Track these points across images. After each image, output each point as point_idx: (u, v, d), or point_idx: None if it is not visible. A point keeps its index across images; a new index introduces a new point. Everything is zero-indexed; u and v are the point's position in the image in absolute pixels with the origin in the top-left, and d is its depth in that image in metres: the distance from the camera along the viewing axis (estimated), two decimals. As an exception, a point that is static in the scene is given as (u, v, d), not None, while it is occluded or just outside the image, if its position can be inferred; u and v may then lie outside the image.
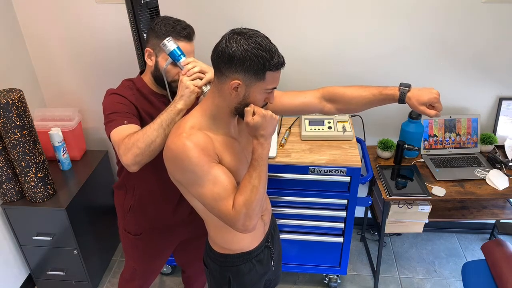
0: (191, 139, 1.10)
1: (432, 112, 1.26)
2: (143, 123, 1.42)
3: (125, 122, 1.34)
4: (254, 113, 1.10)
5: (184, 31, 1.37)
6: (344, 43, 2.07)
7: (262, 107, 1.15)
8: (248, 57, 1.04)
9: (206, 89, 1.30)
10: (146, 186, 1.56)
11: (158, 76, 1.42)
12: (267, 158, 1.15)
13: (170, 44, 1.32)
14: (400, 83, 1.29)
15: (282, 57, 1.09)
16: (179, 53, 1.33)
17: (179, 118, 1.27)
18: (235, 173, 1.17)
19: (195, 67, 1.29)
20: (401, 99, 1.27)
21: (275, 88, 1.14)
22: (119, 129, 1.32)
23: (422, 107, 1.26)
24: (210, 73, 1.29)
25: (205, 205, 1.17)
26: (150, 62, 1.42)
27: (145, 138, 1.24)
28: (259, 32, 1.08)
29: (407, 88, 1.27)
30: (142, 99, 1.46)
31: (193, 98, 1.28)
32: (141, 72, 1.53)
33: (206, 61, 1.26)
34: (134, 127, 1.34)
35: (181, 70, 1.33)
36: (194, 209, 1.64)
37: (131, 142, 1.25)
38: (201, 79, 1.29)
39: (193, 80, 1.28)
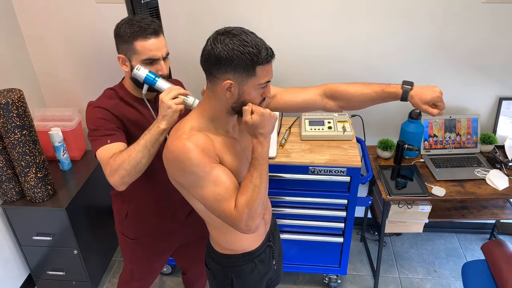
0: (191, 140, 1.10)
1: (435, 111, 1.25)
2: (129, 133, 1.41)
3: (108, 141, 1.33)
4: (252, 112, 1.10)
5: (149, 28, 1.32)
6: (344, 43, 2.07)
7: (260, 103, 1.14)
8: (235, 55, 1.03)
9: (190, 101, 1.29)
10: (142, 194, 1.56)
11: (136, 80, 1.38)
12: (267, 157, 1.14)
13: (141, 71, 1.31)
14: (403, 81, 1.28)
15: (271, 49, 1.08)
16: (153, 76, 1.32)
17: (163, 137, 1.28)
18: (237, 174, 1.17)
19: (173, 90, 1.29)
20: (404, 97, 1.26)
21: (269, 81, 1.13)
22: (103, 149, 1.32)
23: (425, 106, 1.25)
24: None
25: (207, 206, 1.16)
26: (125, 68, 1.39)
27: (130, 160, 1.25)
28: (243, 28, 1.08)
29: (410, 86, 1.26)
30: (126, 107, 1.43)
31: (176, 117, 1.27)
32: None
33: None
34: (117, 145, 1.33)
35: (160, 91, 1.32)
36: (190, 213, 1.65)
37: (117, 164, 1.25)
38: (183, 95, 1.29)
39: (174, 98, 1.27)
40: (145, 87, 1.35)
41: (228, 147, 1.18)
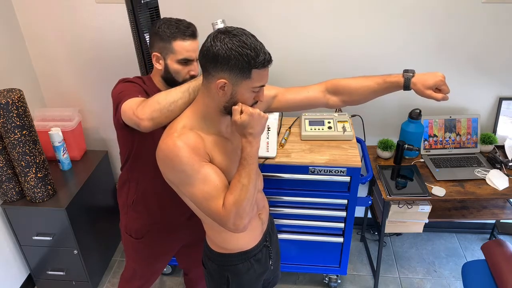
0: (182, 139, 1.11)
1: (439, 95, 1.25)
2: None
3: (139, 96, 1.33)
4: (242, 112, 1.10)
5: (188, 30, 1.38)
6: (344, 42, 2.07)
7: (252, 106, 1.14)
8: (232, 55, 1.03)
9: None
10: (149, 180, 1.56)
11: (169, 78, 1.43)
12: (256, 157, 1.14)
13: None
14: (404, 70, 1.28)
15: (269, 54, 1.08)
16: None
17: None
18: (227, 173, 1.18)
19: None
20: (406, 85, 1.26)
21: (263, 86, 1.13)
22: (133, 99, 1.30)
23: (428, 91, 1.24)
24: None
25: (196, 204, 1.17)
26: (159, 66, 1.43)
27: (167, 96, 1.22)
28: (245, 30, 1.08)
29: (411, 74, 1.26)
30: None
31: None
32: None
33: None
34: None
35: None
36: (193, 213, 1.64)
37: (151, 100, 1.23)
38: None
39: None
40: None
41: (219, 146, 1.19)
